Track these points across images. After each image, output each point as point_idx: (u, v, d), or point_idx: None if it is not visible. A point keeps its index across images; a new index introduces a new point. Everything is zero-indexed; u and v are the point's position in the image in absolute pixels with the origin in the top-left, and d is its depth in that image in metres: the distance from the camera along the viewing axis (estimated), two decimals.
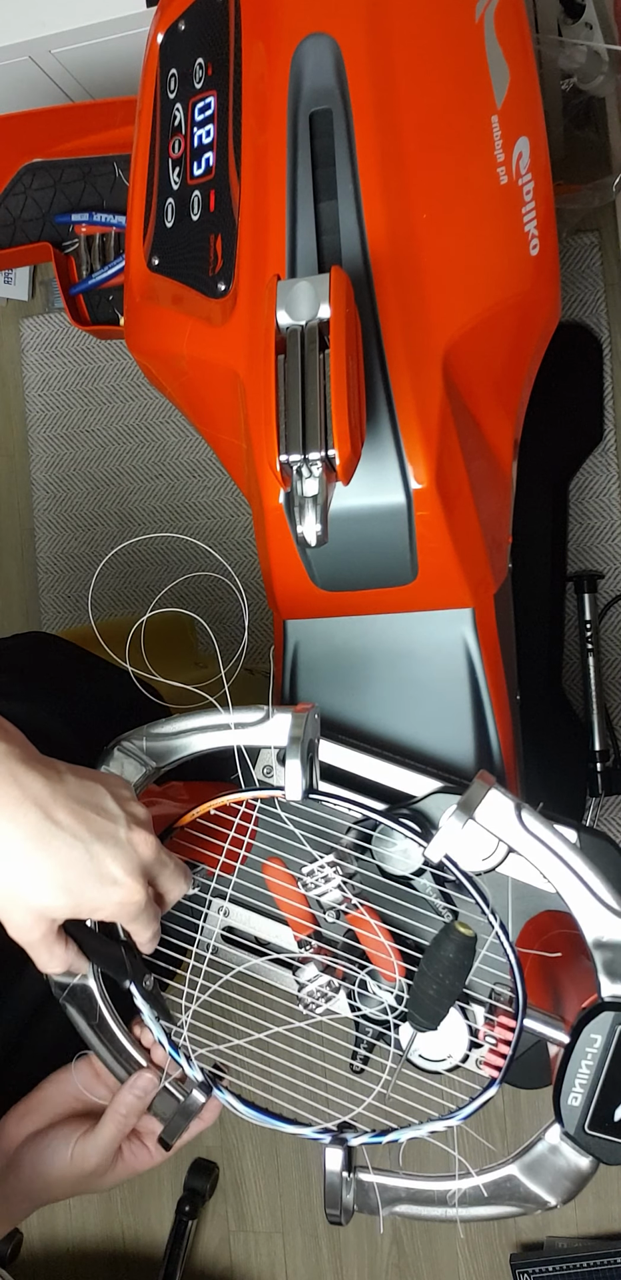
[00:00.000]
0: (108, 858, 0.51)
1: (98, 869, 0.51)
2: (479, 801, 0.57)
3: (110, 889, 0.51)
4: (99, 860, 0.51)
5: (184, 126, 0.71)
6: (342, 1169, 0.58)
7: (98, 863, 0.51)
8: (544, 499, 1.20)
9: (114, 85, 1.16)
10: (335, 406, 0.53)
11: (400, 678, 0.70)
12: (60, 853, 0.50)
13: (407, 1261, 1.28)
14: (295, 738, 0.58)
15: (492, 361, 0.68)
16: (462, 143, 0.64)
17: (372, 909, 0.63)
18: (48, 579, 1.46)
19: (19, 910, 0.50)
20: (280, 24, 0.66)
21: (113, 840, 0.52)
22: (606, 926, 0.55)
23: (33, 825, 0.49)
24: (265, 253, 0.65)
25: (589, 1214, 1.22)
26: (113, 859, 0.51)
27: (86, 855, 0.50)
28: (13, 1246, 1.37)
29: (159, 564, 1.39)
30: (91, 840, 0.51)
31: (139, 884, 0.52)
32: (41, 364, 1.45)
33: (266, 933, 0.66)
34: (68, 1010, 0.60)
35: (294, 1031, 0.61)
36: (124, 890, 0.52)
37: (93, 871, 0.51)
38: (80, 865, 0.50)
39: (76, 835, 0.50)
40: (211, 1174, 1.33)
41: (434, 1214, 0.58)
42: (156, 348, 0.72)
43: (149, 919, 0.55)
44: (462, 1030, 0.60)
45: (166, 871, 0.56)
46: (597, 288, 1.22)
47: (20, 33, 1.06)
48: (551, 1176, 0.57)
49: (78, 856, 0.50)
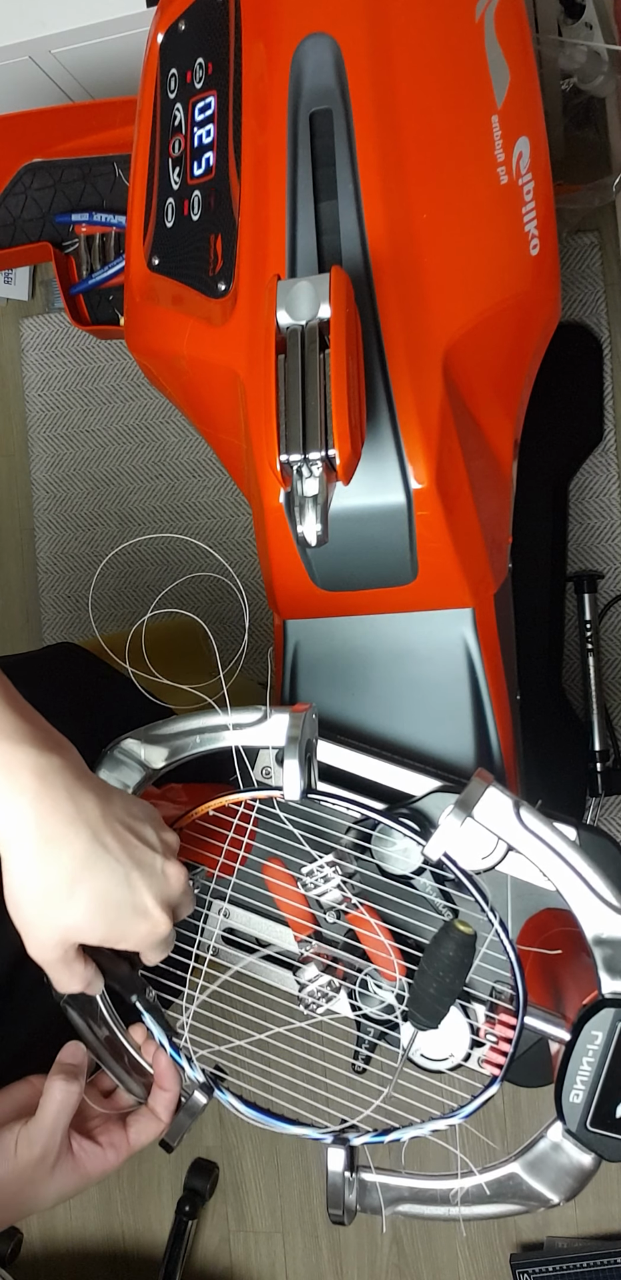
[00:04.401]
0: (143, 888, 0.51)
1: (133, 899, 0.51)
2: (477, 799, 0.57)
3: (140, 921, 0.52)
4: (135, 890, 0.51)
5: (184, 126, 0.71)
6: (345, 1169, 0.58)
7: (134, 893, 0.51)
8: (544, 499, 1.20)
9: (114, 85, 1.16)
10: (335, 406, 0.53)
11: (400, 678, 0.70)
12: (102, 879, 0.50)
13: (407, 1261, 1.28)
14: (293, 738, 0.58)
15: (493, 361, 0.68)
16: (463, 142, 0.64)
17: (372, 908, 0.63)
18: (48, 579, 1.46)
19: (47, 929, 0.50)
20: (280, 24, 0.66)
21: (150, 870, 0.52)
22: (606, 923, 0.55)
23: (83, 847, 0.49)
24: (265, 252, 0.65)
25: (589, 1214, 1.22)
26: (147, 889, 0.51)
27: (126, 884, 0.50)
28: (13, 1246, 1.37)
29: (159, 564, 1.39)
30: (131, 868, 0.51)
31: (167, 917, 0.53)
32: (41, 364, 1.45)
33: (267, 933, 0.66)
34: (69, 1014, 0.60)
35: (295, 1032, 0.61)
36: (152, 923, 0.52)
37: (128, 902, 0.51)
38: (118, 894, 0.50)
39: (119, 861, 0.50)
40: (211, 1174, 1.33)
41: (436, 1213, 0.58)
42: (156, 348, 0.72)
43: (167, 945, 0.55)
44: (463, 1029, 0.60)
45: (186, 901, 0.56)
46: (597, 288, 1.22)
47: (20, 33, 1.06)
48: (553, 1174, 0.57)
49: (117, 885, 0.50)
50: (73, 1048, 0.60)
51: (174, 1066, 0.61)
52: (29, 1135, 0.57)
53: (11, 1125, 0.58)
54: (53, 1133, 0.57)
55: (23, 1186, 0.58)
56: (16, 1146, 0.57)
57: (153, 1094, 0.61)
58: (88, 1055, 0.60)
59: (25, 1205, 0.58)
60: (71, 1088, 0.58)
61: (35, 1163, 0.57)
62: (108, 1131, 0.61)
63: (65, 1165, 0.59)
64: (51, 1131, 0.57)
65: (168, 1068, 0.61)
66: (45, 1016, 0.63)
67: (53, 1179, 0.58)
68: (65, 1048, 0.60)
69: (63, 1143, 0.58)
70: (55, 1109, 0.57)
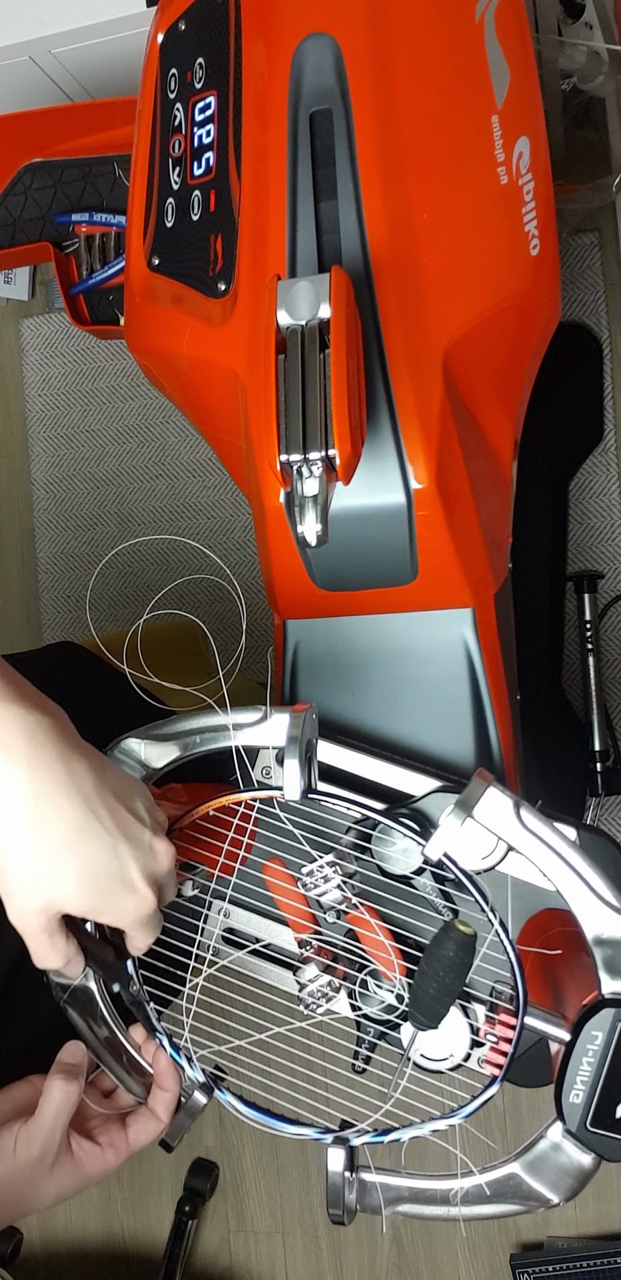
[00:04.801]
0: (131, 861, 0.51)
1: (121, 871, 0.50)
2: (477, 799, 0.57)
3: (127, 894, 0.51)
4: (124, 862, 0.50)
5: (184, 126, 0.71)
6: (344, 1169, 0.58)
7: (122, 865, 0.50)
8: (544, 499, 1.20)
9: (114, 85, 1.16)
10: (335, 406, 0.53)
11: (400, 678, 0.70)
12: (92, 849, 0.49)
13: (407, 1261, 1.28)
14: (293, 738, 0.58)
15: (493, 361, 0.68)
16: (463, 142, 0.64)
17: (372, 908, 0.63)
18: (48, 579, 1.46)
19: (32, 896, 0.49)
20: (280, 24, 0.66)
21: (139, 844, 0.51)
22: (606, 923, 0.55)
23: (76, 815, 0.48)
24: (265, 252, 0.65)
25: (589, 1214, 1.22)
26: (135, 862, 0.51)
27: (114, 856, 0.50)
28: (13, 1246, 1.37)
29: (159, 564, 1.39)
30: (120, 840, 0.50)
31: (153, 893, 0.52)
32: (41, 364, 1.45)
33: (267, 933, 0.66)
34: (69, 1014, 0.60)
35: (295, 1032, 0.61)
36: (138, 898, 0.52)
37: (116, 874, 0.50)
38: (107, 865, 0.50)
39: (109, 832, 0.50)
40: (211, 1174, 1.33)
41: (436, 1213, 0.58)
42: (156, 348, 0.72)
43: (154, 927, 0.55)
44: (463, 1029, 0.60)
45: (171, 881, 0.56)
46: (597, 288, 1.22)
47: (20, 33, 1.06)
48: (553, 1174, 0.57)
49: (107, 855, 0.50)
50: (72, 1047, 0.60)
51: (174, 1066, 0.61)
52: (28, 1134, 0.57)
53: (11, 1125, 0.58)
54: (52, 1132, 0.57)
55: (21, 1186, 0.58)
56: (15, 1145, 0.57)
57: (152, 1094, 0.61)
58: (87, 1055, 0.60)
59: (24, 1205, 0.58)
60: (71, 1087, 0.58)
61: (34, 1162, 0.57)
62: (107, 1131, 0.60)
63: (64, 1165, 0.59)
64: (50, 1131, 0.57)
65: (167, 1067, 0.61)
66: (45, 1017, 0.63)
67: (52, 1178, 0.58)
68: (65, 1047, 0.60)
69: (62, 1142, 0.58)
70: (54, 1108, 0.57)
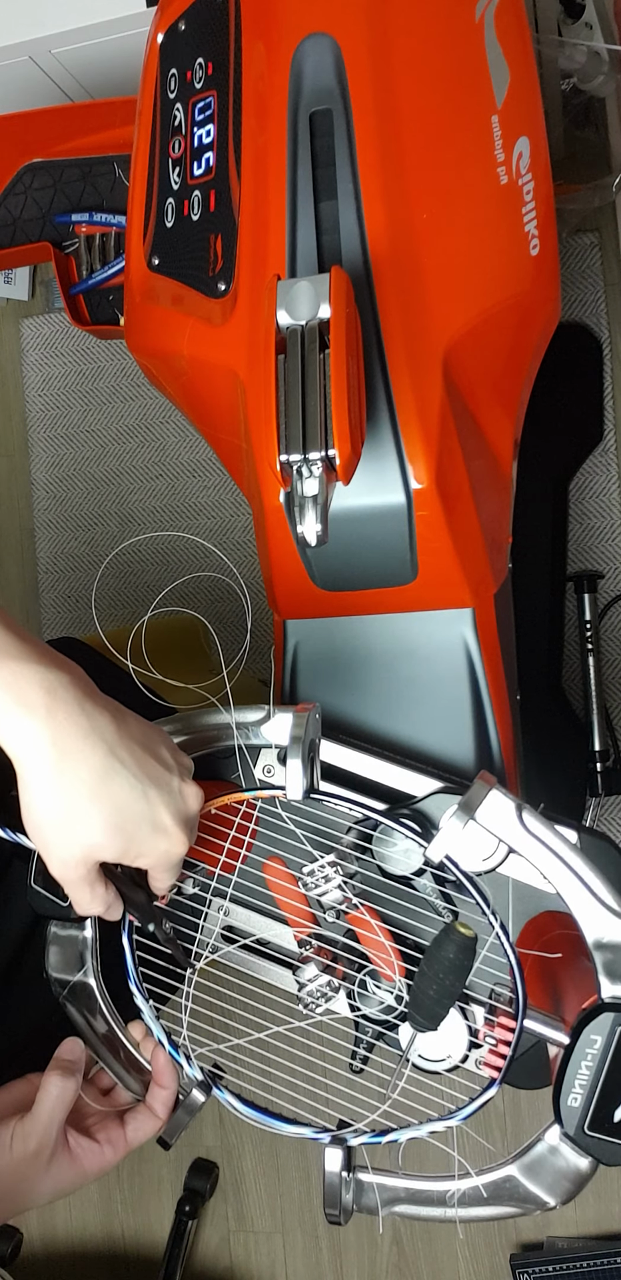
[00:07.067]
0: (161, 805, 0.51)
1: (152, 814, 0.50)
2: (480, 802, 0.57)
3: (159, 837, 0.51)
4: (154, 806, 0.50)
5: (184, 126, 0.71)
6: (342, 1169, 0.58)
7: (152, 809, 0.50)
8: (544, 499, 1.20)
9: (114, 85, 1.16)
10: (335, 406, 0.53)
11: (400, 678, 0.70)
12: (120, 793, 0.49)
13: (407, 1261, 1.28)
14: (296, 737, 0.58)
15: (493, 361, 0.68)
16: (463, 142, 0.64)
17: (373, 909, 0.63)
18: (48, 579, 1.46)
19: (69, 846, 0.49)
20: (280, 24, 0.66)
21: (167, 788, 0.51)
22: (606, 927, 0.55)
23: (99, 760, 0.48)
24: (265, 253, 0.65)
25: (589, 1214, 1.22)
26: (165, 807, 0.51)
27: (144, 799, 0.50)
28: (13, 1246, 1.37)
29: (159, 564, 1.39)
30: (148, 785, 0.50)
31: (184, 835, 0.52)
32: (41, 364, 1.45)
33: (267, 932, 0.65)
34: (67, 1009, 0.60)
35: (294, 1031, 0.61)
36: (171, 840, 0.52)
37: (147, 817, 0.50)
38: (136, 809, 0.50)
39: (136, 777, 0.50)
40: (211, 1174, 1.33)
41: (433, 1214, 0.58)
42: (156, 348, 0.72)
43: (178, 869, 0.55)
44: (462, 1031, 0.60)
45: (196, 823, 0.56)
46: (597, 288, 1.22)
47: (20, 33, 1.06)
48: (551, 1177, 0.57)
49: (135, 799, 0.50)
50: (71, 1044, 0.60)
51: (172, 1064, 0.61)
52: (24, 1130, 0.57)
53: (7, 1121, 0.58)
54: (48, 1127, 0.57)
55: (18, 1182, 0.58)
56: (12, 1141, 0.57)
57: (150, 1091, 0.61)
58: (86, 1052, 0.60)
59: (21, 1200, 0.58)
60: (68, 1083, 0.58)
61: (30, 1158, 0.57)
62: (105, 1128, 0.61)
63: (61, 1161, 0.59)
64: (47, 1126, 0.57)
65: (166, 1065, 0.61)
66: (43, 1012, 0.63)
67: (48, 1174, 0.58)
68: (63, 1044, 0.60)
69: (58, 1138, 0.58)
70: (51, 1104, 0.57)
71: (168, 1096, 0.61)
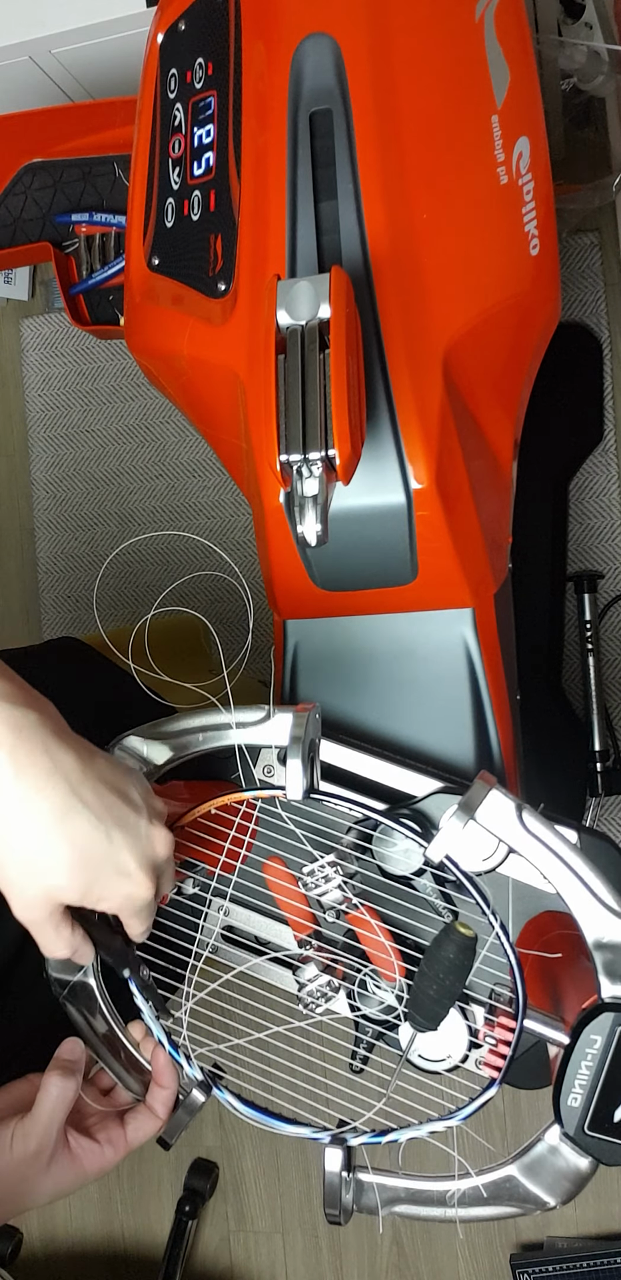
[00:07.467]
0: (125, 848, 0.50)
1: (114, 857, 0.50)
2: (480, 802, 0.57)
3: (121, 880, 0.51)
4: (117, 848, 0.50)
5: (184, 126, 0.71)
6: (342, 1169, 0.58)
7: (115, 850, 0.50)
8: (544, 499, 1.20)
9: (114, 85, 1.16)
10: (335, 406, 0.53)
11: (400, 678, 0.70)
12: (81, 833, 0.49)
13: (407, 1261, 1.28)
14: (296, 737, 0.58)
15: (493, 361, 0.68)
16: (463, 142, 0.64)
17: (373, 909, 0.63)
18: (48, 579, 1.46)
19: (30, 886, 0.49)
20: (280, 24, 0.66)
21: (133, 831, 0.51)
22: (606, 927, 0.55)
23: (60, 800, 0.48)
24: (265, 252, 0.65)
25: (589, 1214, 1.22)
26: (129, 849, 0.51)
27: (106, 840, 0.50)
28: (13, 1246, 1.37)
29: (159, 564, 1.39)
30: (112, 826, 0.50)
31: (149, 880, 0.52)
32: (41, 364, 1.45)
33: (267, 932, 0.65)
34: (67, 1009, 0.60)
35: (294, 1031, 0.61)
36: (134, 884, 0.51)
37: (109, 859, 0.50)
38: (98, 850, 0.49)
39: (99, 818, 0.49)
40: (211, 1174, 1.33)
41: (433, 1214, 0.58)
42: (156, 348, 0.72)
43: (149, 914, 0.54)
44: (462, 1031, 0.60)
45: (169, 870, 0.55)
46: (597, 288, 1.22)
47: (20, 33, 1.06)
48: (550, 1177, 0.57)
49: (97, 840, 0.49)
50: (71, 1044, 0.60)
51: (172, 1064, 0.61)
52: (24, 1130, 0.57)
53: (7, 1121, 0.58)
54: (48, 1127, 0.57)
55: (18, 1182, 0.58)
56: (12, 1141, 0.57)
57: (150, 1091, 0.61)
58: (86, 1052, 0.60)
59: (20, 1201, 0.58)
60: (68, 1083, 0.58)
61: (30, 1158, 0.57)
62: (105, 1129, 0.61)
63: (61, 1161, 0.59)
64: (47, 1126, 0.57)
65: (166, 1065, 0.61)
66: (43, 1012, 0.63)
67: (48, 1174, 0.58)
68: (63, 1044, 0.60)
69: (58, 1138, 0.58)
70: (51, 1104, 0.57)
71: (168, 1096, 0.61)
